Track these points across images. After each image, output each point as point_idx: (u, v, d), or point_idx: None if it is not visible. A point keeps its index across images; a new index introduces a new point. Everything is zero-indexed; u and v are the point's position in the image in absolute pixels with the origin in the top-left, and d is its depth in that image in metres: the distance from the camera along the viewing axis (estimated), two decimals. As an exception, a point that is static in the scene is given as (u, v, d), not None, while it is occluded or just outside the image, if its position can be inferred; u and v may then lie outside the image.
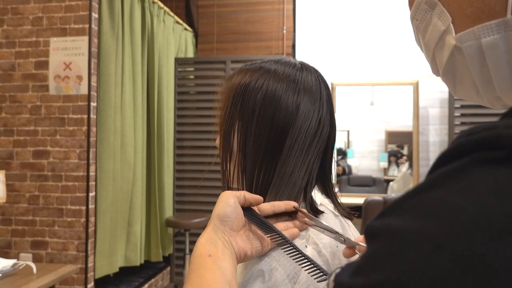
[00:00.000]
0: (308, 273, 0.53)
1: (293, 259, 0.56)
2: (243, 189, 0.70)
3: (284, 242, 0.58)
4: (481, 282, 0.22)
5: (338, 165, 4.20)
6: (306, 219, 0.62)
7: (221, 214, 0.58)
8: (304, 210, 0.64)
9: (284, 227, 0.62)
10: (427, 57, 0.46)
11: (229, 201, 0.58)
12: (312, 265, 0.53)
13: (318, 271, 0.53)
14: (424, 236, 0.24)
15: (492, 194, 0.23)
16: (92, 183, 2.85)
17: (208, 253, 0.54)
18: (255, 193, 0.68)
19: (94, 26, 2.88)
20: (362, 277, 0.27)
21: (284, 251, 0.57)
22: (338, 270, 0.31)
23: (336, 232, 0.59)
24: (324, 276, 0.52)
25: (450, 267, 0.22)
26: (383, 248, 0.27)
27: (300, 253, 0.55)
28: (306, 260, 0.54)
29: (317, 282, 0.52)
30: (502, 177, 0.24)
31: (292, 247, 0.57)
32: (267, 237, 0.59)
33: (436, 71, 0.45)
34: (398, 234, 0.26)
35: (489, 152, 0.25)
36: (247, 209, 0.61)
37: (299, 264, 0.54)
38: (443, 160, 0.28)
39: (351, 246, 0.57)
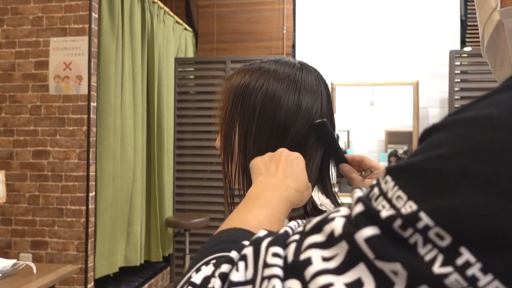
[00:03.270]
0: None
1: None
2: (244, 190, 0.70)
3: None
4: None
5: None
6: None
7: (298, 196, 0.56)
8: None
9: None
10: (480, 35, 0.46)
11: (309, 190, 0.61)
12: None
13: None
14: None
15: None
16: (92, 183, 2.85)
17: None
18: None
19: (94, 26, 2.87)
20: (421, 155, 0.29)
21: None
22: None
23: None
24: None
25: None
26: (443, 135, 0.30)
27: None
28: None
29: None
30: None
31: None
32: None
33: (482, 49, 0.45)
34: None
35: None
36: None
37: None
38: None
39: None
